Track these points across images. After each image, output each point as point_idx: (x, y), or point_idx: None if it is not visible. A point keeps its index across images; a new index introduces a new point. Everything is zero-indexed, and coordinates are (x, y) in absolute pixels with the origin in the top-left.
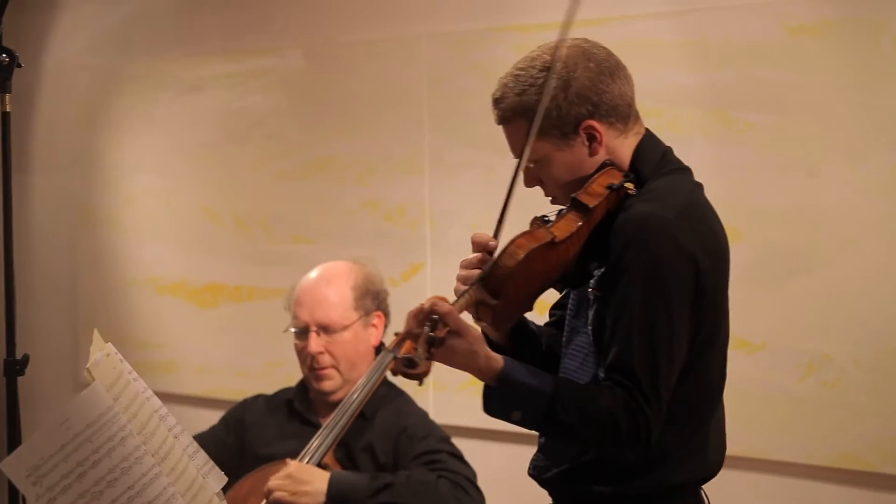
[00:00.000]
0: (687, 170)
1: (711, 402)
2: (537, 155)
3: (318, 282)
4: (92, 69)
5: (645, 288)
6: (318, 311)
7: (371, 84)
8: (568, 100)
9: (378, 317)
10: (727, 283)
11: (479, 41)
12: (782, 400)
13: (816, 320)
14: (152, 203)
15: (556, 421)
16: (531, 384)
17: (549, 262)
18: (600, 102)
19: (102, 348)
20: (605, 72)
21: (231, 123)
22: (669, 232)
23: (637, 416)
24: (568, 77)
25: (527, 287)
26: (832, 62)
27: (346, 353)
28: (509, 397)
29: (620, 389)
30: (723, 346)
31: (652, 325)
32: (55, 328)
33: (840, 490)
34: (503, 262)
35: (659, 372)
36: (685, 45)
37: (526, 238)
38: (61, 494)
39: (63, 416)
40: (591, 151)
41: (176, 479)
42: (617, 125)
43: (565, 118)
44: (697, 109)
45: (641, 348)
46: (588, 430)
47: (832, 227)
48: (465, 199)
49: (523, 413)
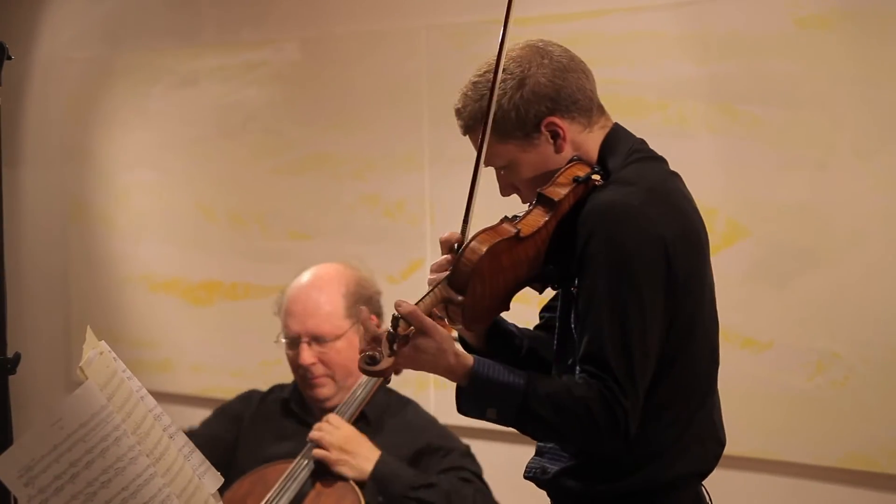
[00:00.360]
0: (659, 158)
1: (702, 392)
2: (504, 160)
3: (309, 290)
4: (83, 62)
5: (612, 277)
6: (310, 322)
7: (369, 77)
8: (525, 98)
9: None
10: (705, 267)
11: (479, 33)
12: (790, 399)
13: (825, 318)
14: (146, 199)
15: (531, 416)
16: (503, 380)
17: (517, 257)
18: (559, 98)
19: (95, 347)
20: (560, 67)
21: (226, 117)
22: (634, 218)
23: (613, 407)
24: (523, 76)
25: (495, 283)
26: (841, 55)
27: (339, 361)
28: (482, 395)
29: (595, 381)
30: (708, 333)
31: (622, 315)
32: (47, 326)
33: (849, 491)
34: (466, 258)
35: (633, 361)
36: (689, 37)
37: (489, 233)
38: (54, 496)
39: (55, 416)
40: (556, 148)
41: (171, 480)
42: (580, 119)
43: (525, 118)
44: (702, 103)
45: (613, 338)
46: (564, 424)
47: (840, 223)
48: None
49: (498, 410)
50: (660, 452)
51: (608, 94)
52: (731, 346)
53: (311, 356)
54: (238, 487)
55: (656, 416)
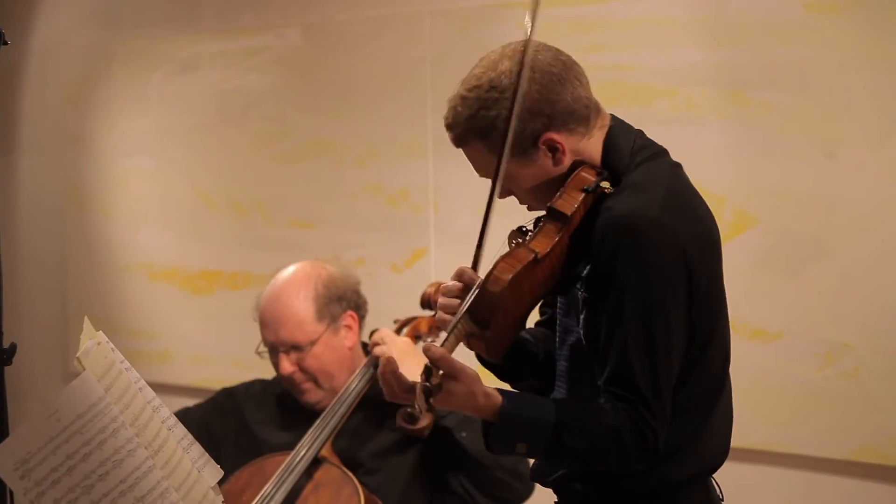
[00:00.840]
0: (662, 152)
1: (716, 391)
2: (504, 175)
3: (278, 298)
4: (81, 47)
5: (637, 298)
6: (282, 331)
7: (372, 63)
8: (520, 117)
9: (350, 317)
10: (720, 265)
11: (484, 18)
12: (799, 391)
13: (835, 308)
14: (145, 186)
15: (562, 448)
16: (532, 415)
17: (535, 280)
18: (554, 113)
19: (93, 337)
20: (552, 80)
21: (226, 104)
22: (655, 230)
23: (643, 430)
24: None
25: (517, 311)
26: (851, 40)
27: (320, 366)
28: (512, 431)
29: (623, 405)
30: (723, 332)
31: (649, 337)
32: (44, 316)
33: (860, 485)
34: (489, 290)
35: (660, 381)
36: (697, 21)
37: (508, 262)
38: (50, 488)
39: (52, 408)
40: (555, 161)
41: (170, 473)
42: (578, 129)
43: (521, 136)
44: (711, 89)
45: (640, 361)
46: (595, 453)
47: (851, 211)
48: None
49: (529, 445)
50: (672, 453)
51: (615, 80)
52: (739, 336)
53: (289, 365)
54: (236, 479)
55: (673, 418)
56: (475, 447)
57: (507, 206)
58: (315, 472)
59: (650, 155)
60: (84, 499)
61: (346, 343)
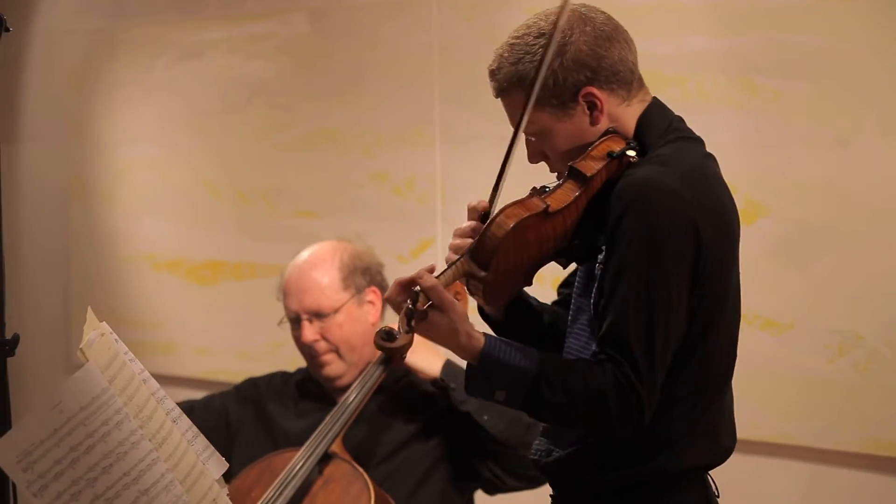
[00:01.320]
0: (697, 139)
1: (718, 384)
2: (538, 127)
3: (303, 268)
4: (84, 34)
5: (642, 257)
6: (306, 299)
7: (379, 50)
8: (564, 66)
9: (374, 292)
10: (734, 259)
11: (492, 5)
12: (811, 382)
13: (847, 299)
14: (148, 175)
15: (541, 400)
16: (514, 363)
17: (544, 233)
18: (599, 68)
19: (97, 328)
20: (602, 36)
21: (231, 91)
22: (670, 198)
23: (629, 395)
24: (564, 42)
25: (519, 259)
26: (866, 26)
27: (342, 336)
28: (491, 376)
29: (612, 365)
30: (729, 326)
31: (649, 298)
32: (47, 307)
33: (871, 477)
34: (491, 232)
35: (654, 348)
36: (708, 7)
37: (517, 207)
38: (54, 481)
39: (55, 399)
40: (592, 120)
41: (174, 465)
42: (619, 92)
43: (563, 86)
44: (721, 76)
45: (637, 321)
46: (575, 410)
47: (864, 201)
48: (478, 172)
49: (507, 393)
50: (669, 443)
51: None
52: (750, 327)
53: (312, 333)
54: (246, 476)
55: (670, 406)
56: (499, 429)
57: (527, 163)
58: (325, 468)
59: (683, 137)
60: (88, 491)
61: (370, 318)
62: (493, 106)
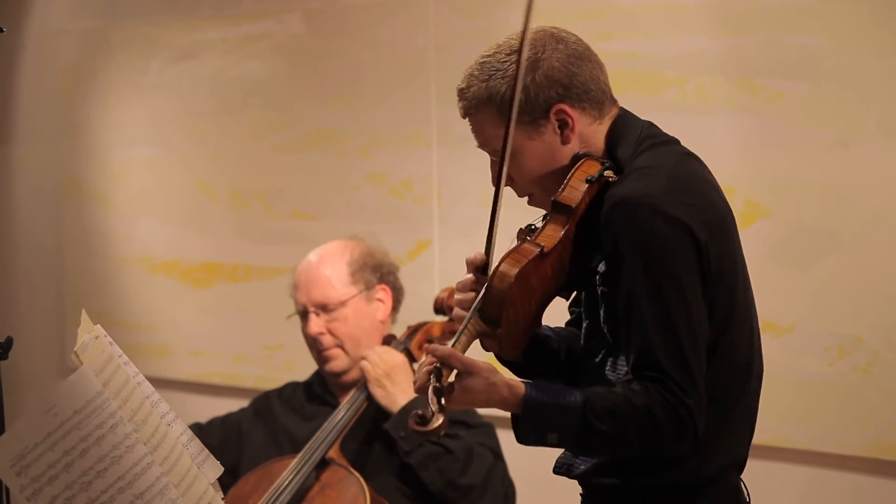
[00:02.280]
0: (672, 141)
1: (742, 380)
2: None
3: (313, 262)
4: (79, 34)
5: (648, 275)
6: (314, 291)
7: (376, 51)
8: (536, 82)
9: (383, 290)
10: (735, 250)
11: (488, 5)
12: (811, 385)
13: (848, 301)
14: (143, 177)
15: (593, 433)
16: (559, 402)
17: (544, 274)
18: (571, 85)
19: (91, 331)
20: (574, 55)
21: (226, 92)
22: (658, 210)
23: (677, 408)
24: (536, 59)
25: (527, 307)
26: (866, 26)
27: (348, 330)
28: (540, 421)
29: (654, 385)
30: (745, 320)
31: (666, 313)
32: (40, 309)
33: (872, 481)
34: (495, 287)
35: (687, 357)
36: (708, 8)
37: (513, 257)
38: (47, 485)
39: (49, 403)
40: (563, 139)
41: (169, 469)
42: (590, 111)
43: (534, 102)
44: (721, 77)
45: (663, 339)
46: (628, 434)
47: (864, 202)
48: (475, 174)
49: (559, 434)
50: (701, 444)
51: (623, 68)
52: None
53: (318, 325)
54: (245, 482)
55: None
56: (436, 487)
57: (514, 198)
58: (322, 474)
59: (657, 142)
60: (82, 496)
61: (378, 315)
62: None
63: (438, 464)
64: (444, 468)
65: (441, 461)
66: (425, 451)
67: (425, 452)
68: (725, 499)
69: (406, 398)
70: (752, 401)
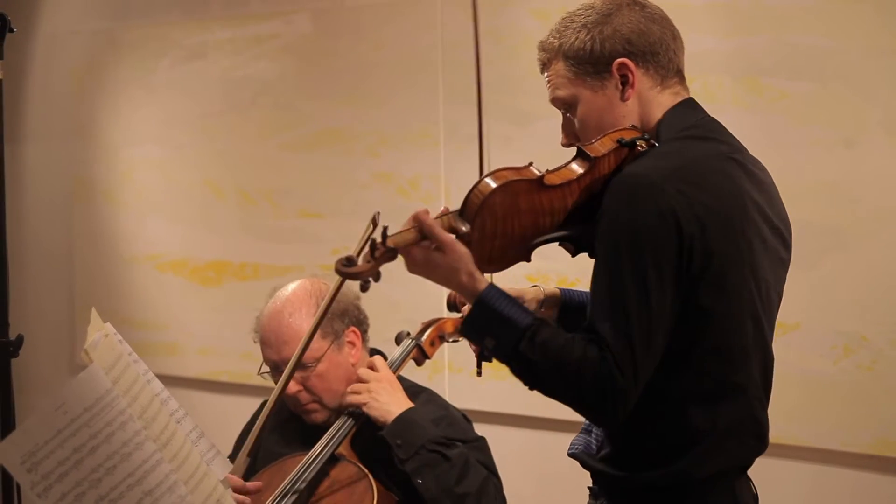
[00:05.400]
0: (718, 140)
1: (736, 383)
2: (570, 93)
3: (280, 317)
4: (88, 35)
5: (621, 252)
6: (286, 350)
7: (383, 50)
8: (604, 34)
9: (353, 333)
10: (751, 257)
11: (498, 5)
12: (816, 383)
13: (853, 300)
14: (152, 176)
15: (523, 359)
16: (508, 314)
17: (537, 204)
18: (638, 42)
19: (101, 329)
20: (648, 17)
21: (235, 92)
22: (649, 190)
23: (604, 381)
24: (609, 13)
25: (508, 225)
26: (872, 26)
27: (325, 385)
28: (483, 322)
29: (595, 348)
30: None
31: (624, 293)
32: (51, 308)
33: (877, 478)
34: (477, 189)
35: (633, 341)
36: (714, 8)
37: (509, 170)
38: (57, 482)
39: (59, 400)
40: (623, 95)
41: (178, 466)
42: (653, 73)
43: (599, 53)
44: (727, 77)
45: (614, 315)
46: (552, 378)
47: (870, 201)
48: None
49: (496, 342)
50: (690, 445)
51: None
52: None
53: (294, 384)
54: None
55: (685, 405)
56: (430, 494)
57: None
58: (332, 470)
59: (698, 135)
60: (92, 493)
61: (350, 360)
62: (498, 106)
63: (435, 471)
64: (441, 476)
65: (438, 469)
66: (422, 459)
67: (422, 460)
68: (719, 499)
69: (400, 408)
70: (753, 407)
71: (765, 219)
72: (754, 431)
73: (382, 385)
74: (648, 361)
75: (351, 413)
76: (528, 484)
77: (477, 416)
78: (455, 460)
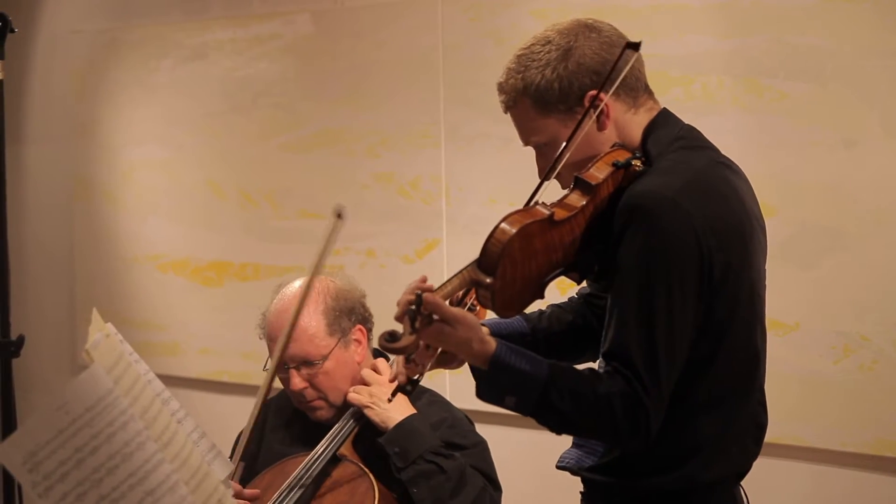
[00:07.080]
0: (705, 147)
1: (742, 391)
2: (545, 136)
3: (287, 313)
4: (90, 35)
5: (641, 272)
6: (293, 346)
7: (384, 51)
8: (569, 69)
9: (359, 331)
10: (748, 264)
11: (497, 6)
12: (816, 383)
13: (853, 300)
14: (153, 176)
15: (550, 407)
16: (525, 369)
17: (550, 241)
18: (604, 72)
19: (102, 329)
20: (607, 42)
21: (236, 92)
22: (668, 209)
23: (635, 408)
24: (568, 46)
25: (527, 268)
26: (870, 27)
27: (331, 383)
28: (502, 382)
29: (619, 377)
30: (747, 330)
31: (650, 313)
32: (52, 308)
33: (877, 479)
34: (495, 238)
35: (658, 361)
36: (713, 8)
37: (521, 214)
38: (59, 482)
39: (60, 400)
40: (599, 126)
41: (180, 466)
42: (624, 98)
43: (568, 90)
44: (726, 77)
45: (639, 336)
46: (583, 419)
47: (869, 201)
48: (483, 173)
49: (517, 398)
50: (698, 451)
51: None
52: None
53: (300, 381)
54: (259, 481)
55: (694, 414)
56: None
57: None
58: (333, 470)
59: (689, 146)
60: (93, 493)
61: (356, 358)
62: (498, 105)
63: (430, 482)
64: (436, 488)
65: (433, 480)
66: (418, 469)
67: (418, 470)
68: None
69: (401, 414)
70: (756, 413)
71: (755, 217)
72: (755, 436)
73: (384, 389)
74: (672, 376)
75: (353, 414)
76: (528, 484)
77: (477, 417)
78: (451, 472)
